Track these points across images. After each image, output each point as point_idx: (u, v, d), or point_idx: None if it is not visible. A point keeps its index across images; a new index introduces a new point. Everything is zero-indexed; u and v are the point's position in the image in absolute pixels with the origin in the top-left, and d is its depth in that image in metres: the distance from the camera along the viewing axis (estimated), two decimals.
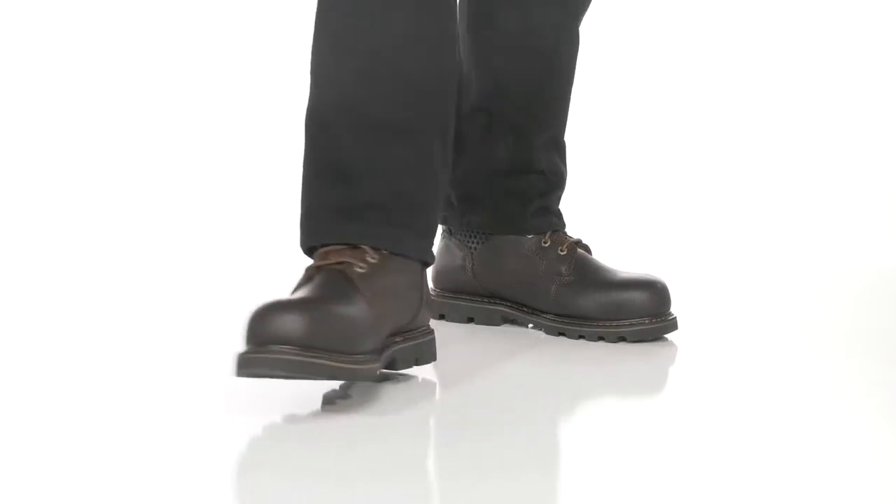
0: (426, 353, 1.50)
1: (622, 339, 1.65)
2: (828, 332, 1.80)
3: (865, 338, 1.76)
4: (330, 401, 1.39)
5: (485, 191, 1.74)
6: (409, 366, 1.48)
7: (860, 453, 1.29)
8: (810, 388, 1.53)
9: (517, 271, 1.72)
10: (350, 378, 1.36)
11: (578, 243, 1.72)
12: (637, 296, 1.66)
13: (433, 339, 1.52)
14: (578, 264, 1.70)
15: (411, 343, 1.47)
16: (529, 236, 1.72)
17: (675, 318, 1.67)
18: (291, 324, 1.30)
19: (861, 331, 1.80)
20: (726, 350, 1.67)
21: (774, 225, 2.44)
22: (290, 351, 1.29)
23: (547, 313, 1.70)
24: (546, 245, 1.71)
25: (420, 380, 1.49)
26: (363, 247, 1.43)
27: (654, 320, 1.66)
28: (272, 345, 1.29)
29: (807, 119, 2.59)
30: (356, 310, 1.36)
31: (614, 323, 1.65)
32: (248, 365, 1.30)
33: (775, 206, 2.49)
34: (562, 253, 1.70)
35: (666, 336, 1.68)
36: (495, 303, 1.75)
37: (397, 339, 1.45)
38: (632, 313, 1.65)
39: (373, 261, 1.42)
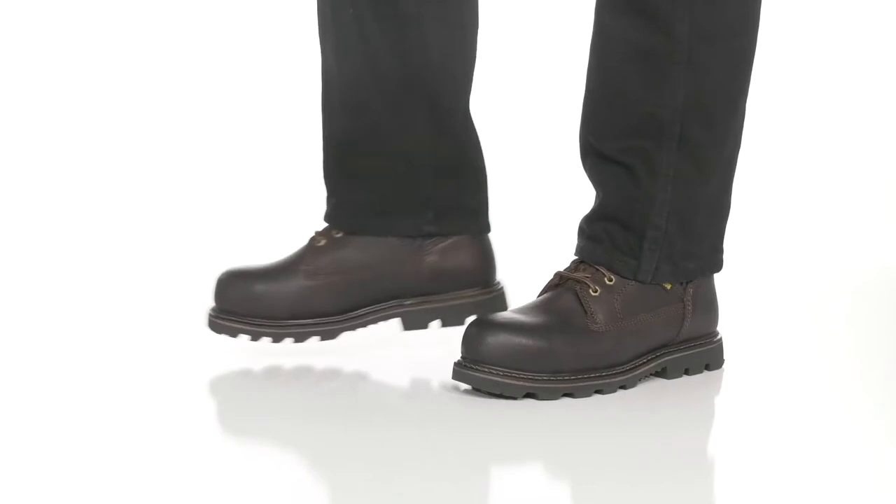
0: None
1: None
2: (827, 331, 1.80)
3: (865, 337, 1.76)
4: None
5: None
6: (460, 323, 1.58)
7: (860, 453, 1.29)
8: (809, 387, 1.53)
9: None
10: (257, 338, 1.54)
11: None
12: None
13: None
14: None
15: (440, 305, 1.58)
16: None
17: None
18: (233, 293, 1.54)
19: (860, 330, 1.80)
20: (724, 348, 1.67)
21: (774, 224, 2.44)
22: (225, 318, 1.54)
23: None
24: None
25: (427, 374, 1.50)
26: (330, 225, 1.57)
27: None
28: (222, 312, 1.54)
29: (807, 119, 2.59)
30: (281, 281, 1.53)
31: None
32: (212, 326, 1.55)
33: (775, 205, 2.48)
34: None
35: None
36: None
37: (406, 303, 1.57)
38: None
39: (337, 236, 1.55)
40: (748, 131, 2.58)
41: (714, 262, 1.53)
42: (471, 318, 1.53)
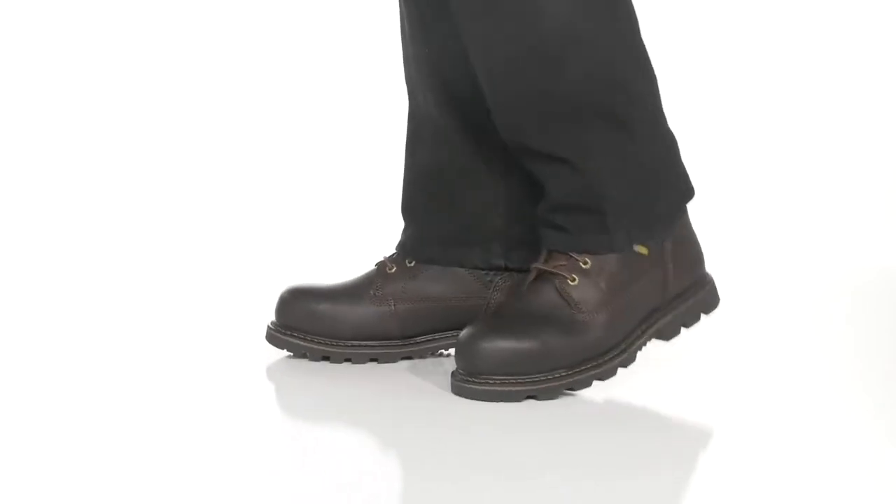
0: None
1: None
2: (827, 331, 1.80)
3: (865, 337, 1.76)
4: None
5: None
6: None
7: (860, 453, 1.29)
8: (809, 387, 1.53)
9: None
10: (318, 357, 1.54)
11: None
12: None
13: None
14: None
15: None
16: None
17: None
18: (296, 310, 1.54)
19: (860, 330, 1.80)
20: (723, 348, 1.67)
21: (774, 224, 2.44)
22: (286, 333, 1.55)
23: None
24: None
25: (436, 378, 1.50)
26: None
27: None
28: (284, 328, 1.55)
29: (807, 119, 2.59)
30: (346, 303, 1.54)
31: None
32: (271, 339, 1.56)
33: (775, 205, 2.48)
34: None
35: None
36: None
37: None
38: None
39: (409, 265, 1.56)
40: (750, 132, 2.58)
41: (684, 192, 1.52)
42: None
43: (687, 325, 1.52)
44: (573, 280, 1.45)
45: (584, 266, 1.45)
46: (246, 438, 1.31)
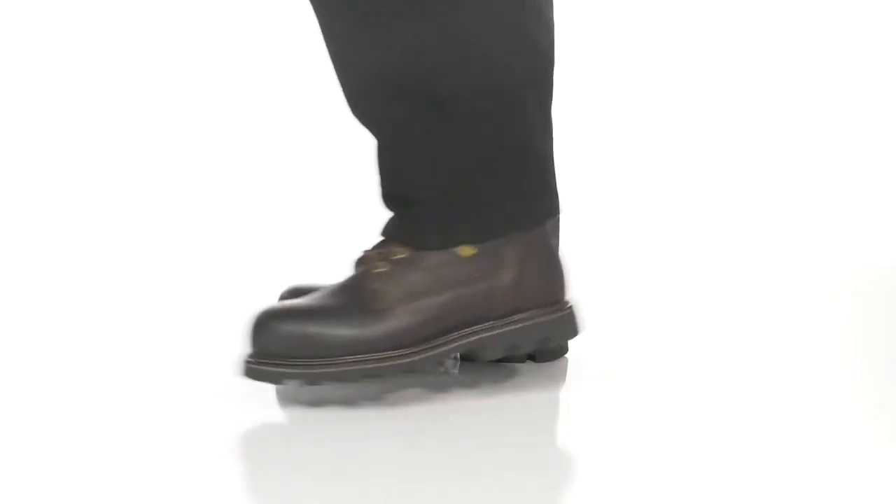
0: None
1: None
2: (827, 331, 1.80)
3: (865, 337, 1.76)
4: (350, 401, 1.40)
5: None
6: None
7: (860, 453, 1.29)
8: (809, 387, 1.53)
9: None
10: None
11: None
12: None
13: None
14: None
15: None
16: None
17: None
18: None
19: (860, 330, 1.80)
20: (723, 348, 1.67)
21: (774, 224, 2.44)
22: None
23: None
24: None
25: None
26: None
27: None
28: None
29: (806, 119, 2.59)
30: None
31: None
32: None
33: (774, 204, 2.49)
34: None
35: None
36: None
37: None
38: None
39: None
40: (750, 132, 2.58)
41: (542, 208, 1.42)
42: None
43: (519, 348, 1.42)
44: (379, 268, 1.38)
45: (396, 256, 1.39)
46: (246, 438, 1.31)
